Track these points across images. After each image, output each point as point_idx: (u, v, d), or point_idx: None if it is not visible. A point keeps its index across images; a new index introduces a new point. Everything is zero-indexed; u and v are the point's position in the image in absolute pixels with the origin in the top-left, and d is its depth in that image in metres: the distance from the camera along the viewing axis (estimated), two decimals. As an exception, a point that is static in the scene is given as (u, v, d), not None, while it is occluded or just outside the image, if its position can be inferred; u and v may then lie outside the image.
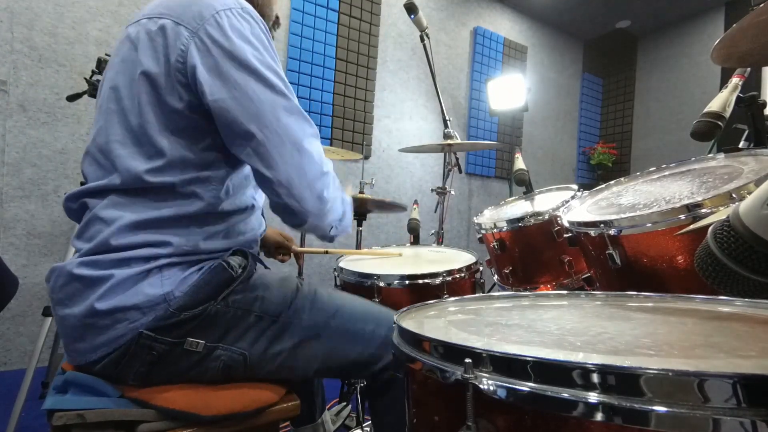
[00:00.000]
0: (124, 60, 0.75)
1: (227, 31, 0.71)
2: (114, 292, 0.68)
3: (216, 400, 0.72)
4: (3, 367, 2.11)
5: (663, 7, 4.35)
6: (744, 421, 0.30)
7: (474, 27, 4.01)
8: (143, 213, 0.71)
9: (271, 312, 0.78)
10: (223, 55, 0.70)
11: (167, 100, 0.72)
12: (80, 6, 2.26)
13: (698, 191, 0.82)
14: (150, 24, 0.73)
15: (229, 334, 0.74)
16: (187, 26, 0.71)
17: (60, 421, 0.65)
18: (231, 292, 0.74)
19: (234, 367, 0.74)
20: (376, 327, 0.85)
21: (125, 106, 0.73)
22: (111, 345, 0.68)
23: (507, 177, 4.13)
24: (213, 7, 0.72)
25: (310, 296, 0.84)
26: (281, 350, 0.78)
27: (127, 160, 0.72)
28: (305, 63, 3.01)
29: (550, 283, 1.32)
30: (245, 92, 0.70)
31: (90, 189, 0.75)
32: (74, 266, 0.69)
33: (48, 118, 2.18)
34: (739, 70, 1.04)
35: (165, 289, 0.70)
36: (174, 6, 0.74)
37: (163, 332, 0.69)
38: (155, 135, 0.72)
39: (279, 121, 0.72)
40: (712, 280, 0.48)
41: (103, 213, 0.71)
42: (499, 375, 0.40)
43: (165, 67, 0.71)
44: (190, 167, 0.74)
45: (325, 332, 0.81)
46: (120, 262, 0.69)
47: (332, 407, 1.69)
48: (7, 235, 2.10)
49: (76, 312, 0.68)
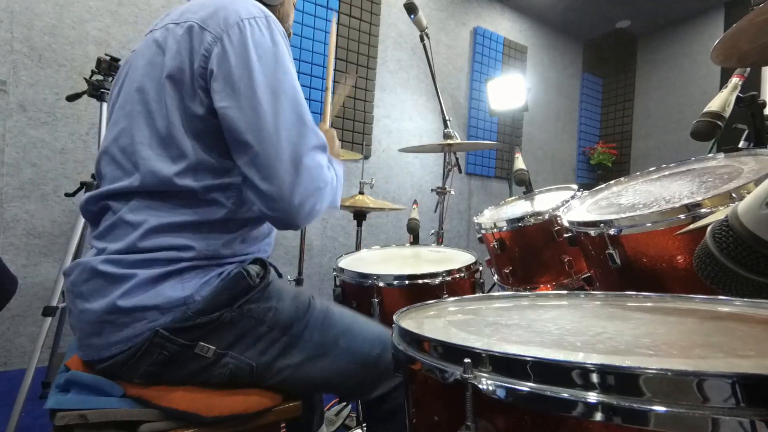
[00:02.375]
0: (151, 63, 0.76)
1: (247, 39, 0.71)
2: (136, 290, 0.69)
3: (218, 402, 0.72)
4: (3, 367, 2.11)
5: (663, 7, 4.35)
6: (743, 421, 0.30)
7: (474, 27, 4.01)
8: (167, 217, 0.72)
9: (282, 324, 0.78)
10: (239, 62, 0.71)
11: (190, 104, 0.72)
12: (80, 6, 2.26)
13: (698, 191, 0.82)
14: (177, 30, 0.74)
15: (240, 342, 0.75)
16: (211, 31, 0.72)
17: (62, 422, 0.65)
18: (247, 300, 0.75)
19: (240, 375, 0.75)
20: (383, 352, 0.85)
21: (152, 109, 0.74)
22: (127, 342, 0.69)
23: (507, 177, 4.13)
24: (239, 15, 0.73)
25: (322, 313, 0.84)
26: (288, 365, 0.78)
27: (153, 162, 0.72)
28: (305, 63, 3.01)
29: (550, 283, 1.32)
30: (251, 102, 0.70)
31: (111, 191, 0.75)
32: (98, 263, 0.70)
33: (48, 118, 2.18)
34: (739, 70, 1.04)
35: (186, 293, 0.71)
36: (201, 12, 0.74)
37: (178, 334, 0.70)
38: (180, 138, 0.72)
39: (279, 133, 0.71)
40: (710, 280, 0.48)
41: (129, 216, 0.72)
42: (499, 375, 0.40)
43: (189, 71, 0.72)
44: (211, 173, 0.74)
45: (333, 351, 0.81)
46: (144, 263, 0.70)
47: (332, 407, 1.69)
48: (7, 235, 2.10)
49: (96, 307, 0.69)
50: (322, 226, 3.14)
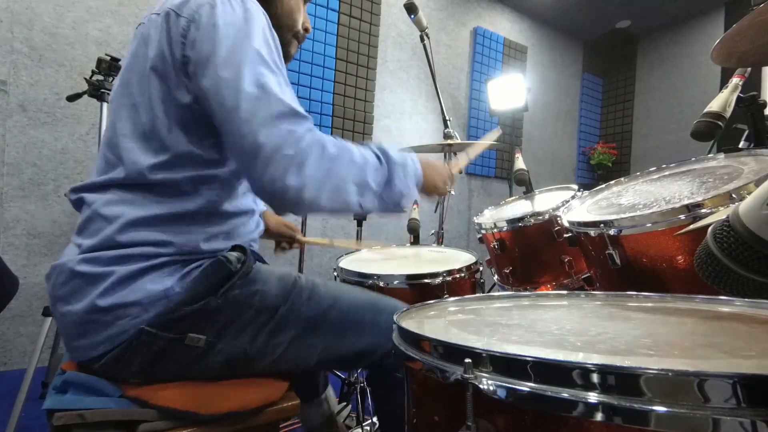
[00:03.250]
0: (135, 55, 0.76)
1: (217, 18, 0.70)
2: (115, 288, 0.68)
3: (215, 399, 0.72)
4: (3, 367, 2.11)
5: (663, 7, 4.35)
6: (744, 421, 0.30)
7: (474, 27, 4.01)
8: (145, 210, 0.71)
9: (269, 305, 0.78)
10: (206, 41, 0.69)
11: (175, 94, 0.72)
12: (80, 6, 2.26)
13: (698, 191, 0.82)
14: (158, 20, 0.74)
15: (230, 328, 0.74)
16: (185, 15, 0.72)
17: (60, 421, 0.65)
18: (230, 286, 0.74)
19: (235, 361, 0.75)
20: (375, 315, 0.85)
21: (136, 101, 0.74)
22: (113, 341, 0.68)
23: (507, 177, 4.13)
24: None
25: (308, 288, 0.83)
26: (280, 342, 0.78)
27: (134, 154, 0.72)
28: (305, 63, 3.01)
29: (550, 283, 1.32)
30: (215, 83, 0.68)
31: (89, 184, 0.75)
32: (75, 263, 0.69)
33: (48, 118, 2.18)
34: (740, 70, 1.04)
35: (165, 285, 0.70)
36: (177, 0, 0.74)
37: (164, 328, 0.69)
38: (163, 130, 0.72)
39: (238, 110, 0.67)
40: (711, 280, 0.48)
41: (104, 210, 0.71)
42: (499, 375, 0.40)
43: (171, 59, 0.72)
44: (195, 164, 0.74)
45: (324, 323, 0.81)
46: (121, 259, 0.69)
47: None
48: (7, 235, 2.10)
49: (78, 309, 0.68)
50: (322, 226, 3.14)
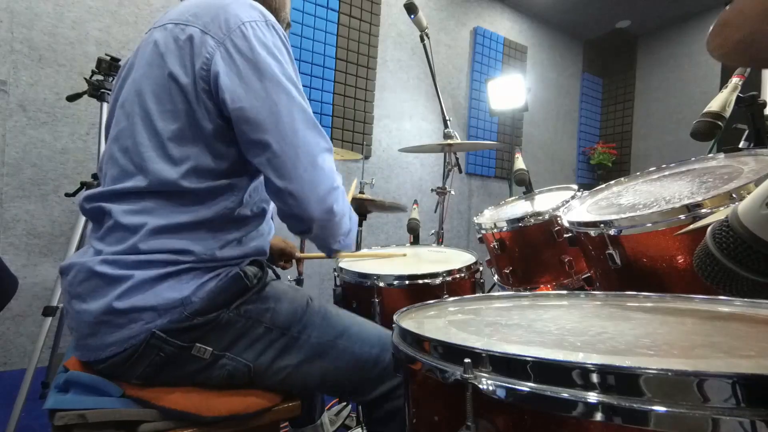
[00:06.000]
0: (150, 64, 0.76)
1: (252, 42, 0.72)
2: (133, 292, 0.68)
3: (217, 402, 0.72)
4: (3, 367, 2.11)
5: (663, 7, 4.35)
6: (743, 421, 0.30)
7: (474, 27, 4.01)
8: (167, 218, 0.72)
9: (279, 325, 0.78)
10: (247, 65, 0.72)
11: (194, 107, 0.73)
12: (80, 6, 2.26)
13: (698, 191, 0.82)
14: (177, 31, 0.74)
15: (238, 343, 0.75)
16: (213, 36, 0.72)
17: (61, 421, 0.65)
18: (244, 301, 0.75)
19: (238, 376, 0.75)
20: (381, 352, 0.85)
21: (151, 111, 0.74)
22: (123, 344, 0.69)
23: (507, 177, 4.13)
24: (240, 18, 0.73)
25: (320, 314, 0.84)
26: (286, 366, 0.78)
27: (154, 163, 0.72)
28: (305, 63, 3.01)
29: (550, 283, 1.32)
30: (266, 102, 0.71)
31: (109, 192, 0.75)
32: (96, 263, 0.69)
33: (48, 118, 2.18)
34: (739, 69, 1.04)
35: (183, 294, 0.71)
36: (202, 14, 0.74)
37: (175, 335, 0.70)
38: (182, 141, 0.73)
39: (296, 133, 0.73)
40: (711, 280, 0.48)
41: (125, 220, 0.72)
42: (499, 375, 0.40)
43: (191, 75, 0.72)
44: (214, 175, 0.75)
45: (332, 352, 0.81)
46: (142, 264, 0.70)
47: (332, 407, 1.69)
48: (7, 235, 2.10)
49: (93, 308, 0.68)
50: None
